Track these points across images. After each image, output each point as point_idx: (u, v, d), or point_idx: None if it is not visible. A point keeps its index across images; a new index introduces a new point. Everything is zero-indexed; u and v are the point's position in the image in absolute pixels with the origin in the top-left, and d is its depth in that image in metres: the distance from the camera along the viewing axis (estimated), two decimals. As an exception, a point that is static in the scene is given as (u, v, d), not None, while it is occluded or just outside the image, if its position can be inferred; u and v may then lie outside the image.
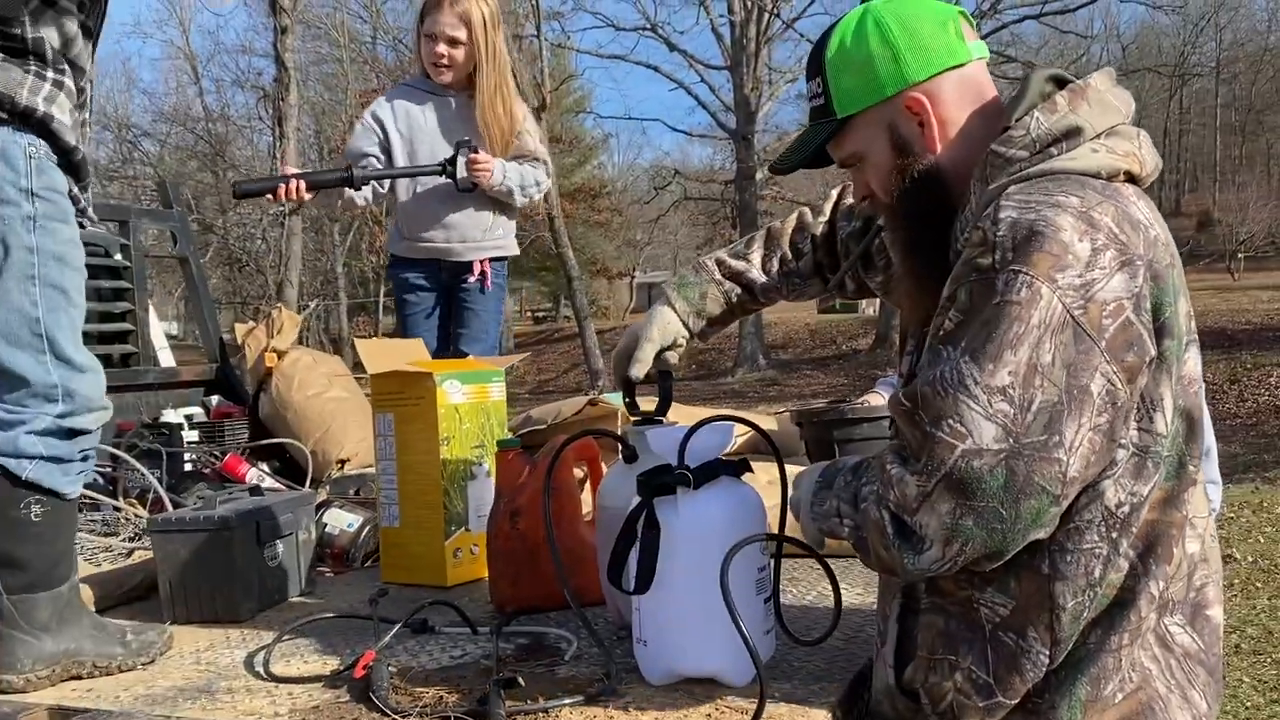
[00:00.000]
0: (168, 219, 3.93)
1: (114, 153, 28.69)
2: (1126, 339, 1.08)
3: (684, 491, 1.37)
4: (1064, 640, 1.15)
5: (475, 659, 1.58)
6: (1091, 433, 1.07)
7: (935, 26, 1.26)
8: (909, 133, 1.27)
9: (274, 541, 2.00)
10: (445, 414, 2.06)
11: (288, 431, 3.36)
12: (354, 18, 26.30)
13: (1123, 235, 1.10)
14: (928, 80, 1.25)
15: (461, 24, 3.08)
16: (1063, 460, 1.06)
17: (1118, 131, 1.20)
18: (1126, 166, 1.18)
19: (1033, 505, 1.06)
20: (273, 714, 1.39)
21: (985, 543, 1.08)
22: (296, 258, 20.32)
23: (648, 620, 1.39)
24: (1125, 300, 1.08)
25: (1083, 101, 1.20)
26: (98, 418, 1.67)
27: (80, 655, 1.60)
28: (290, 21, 19.44)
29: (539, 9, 19.50)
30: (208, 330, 3.95)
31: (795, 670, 1.46)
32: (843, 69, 1.28)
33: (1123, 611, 1.14)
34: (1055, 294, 1.06)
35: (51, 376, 1.58)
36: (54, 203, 1.58)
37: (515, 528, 1.80)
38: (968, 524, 1.07)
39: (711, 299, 1.68)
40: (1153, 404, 1.13)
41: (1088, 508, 1.13)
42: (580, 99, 32.88)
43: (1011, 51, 23.51)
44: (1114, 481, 1.13)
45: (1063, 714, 1.15)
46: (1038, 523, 1.08)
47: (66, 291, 1.60)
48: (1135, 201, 1.16)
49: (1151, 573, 1.14)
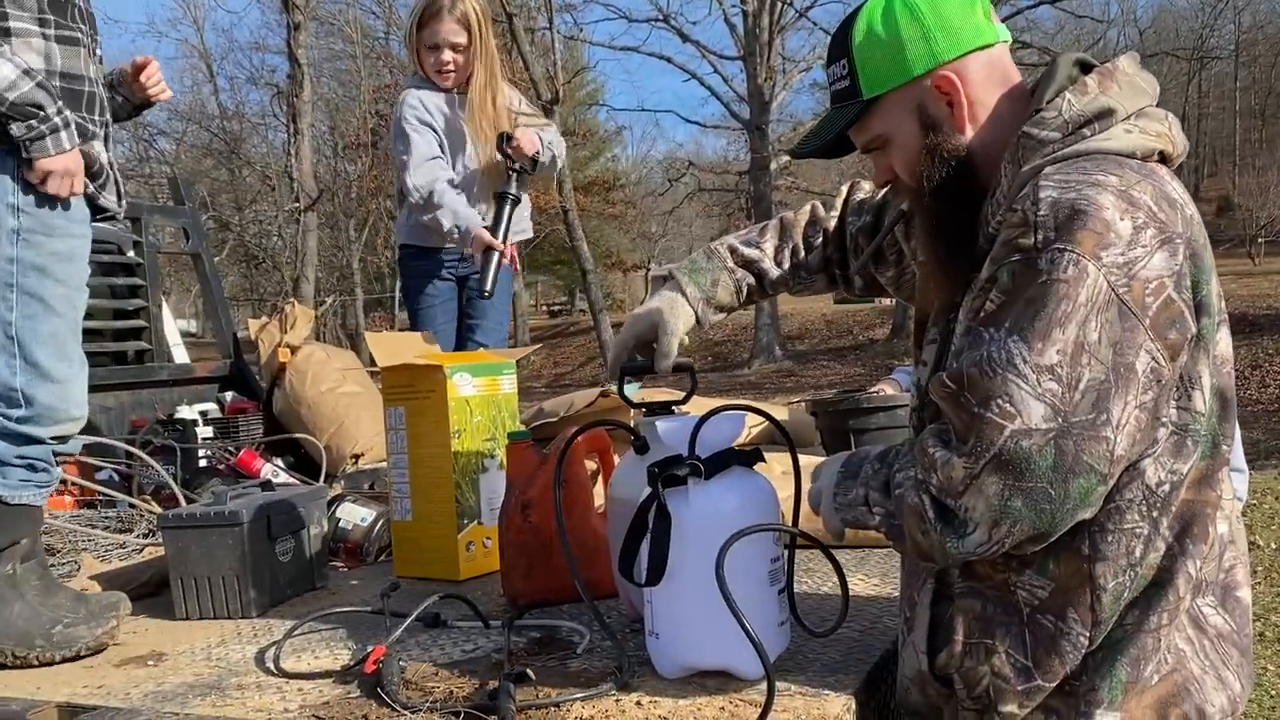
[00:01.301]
0: (179, 215, 3.94)
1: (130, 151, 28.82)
2: (1169, 316, 1.08)
3: (695, 482, 1.35)
4: (1104, 621, 1.14)
5: (487, 653, 1.56)
6: (1138, 410, 1.07)
7: (964, 7, 1.26)
8: (938, 113, 1.26)
9: (286, 536, 1.99)
10: (456, 407, 2.04)
11: (302, 427, 3.36)
12: (366, 13, 26.33)
13: (1162, 214, 1.10)
14: (957, 60, 1.25)
15: (462, 29, 3.12)
16: (1110, 439, 1.06)
17: (1147, 113, 1.20)
18: (1160, 146, 1.19)
19: (1081, 484, 1.06)
20: (283, 710, 1.38)
21: (1034, 524, 1.07)
22: (313, 254, 20.38)
23: (660, 612, 1.37)
24: (1167, 278, 1.08)
25: (1112, 83, 1.20)
26: (59, 429, 1.72)
27: (0, 644, 1.65)
28: (303, 18, 19.46)
29: (551, 2, 19.45)
30: (221, 326, 3.95)
31: (810, 662, 1.44)
32: (871, 50, 1.28)
33: (1160, 592, 1.14)
34: (1101, 271, 1.06)
35: (14, 380, 1.65)
36: (39, 218, 1.68)
37: (527, 520, 1.78)
38: (1016, 505, 1.07)
39: (723, 287, 1.66)
40: (1191, 382, 1.13)
41: (1128, 487, 1.12)
42: (593, 92, 32.83)
43: (1027, 37, 23.30)
44: (1154, 460, 1.12)
45: (1103, 696, 1.15)
46: (1085, 502, 1.08)
47: (46, 300, 1.69)
48: (1170, 181, 1.16)
49: (1189, 552, 1.14)
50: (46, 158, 1.66)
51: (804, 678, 1.37)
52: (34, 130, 1.64)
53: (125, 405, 3.47)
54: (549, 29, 19.83)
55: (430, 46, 3.14)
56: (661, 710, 1.28)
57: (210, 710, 1.40)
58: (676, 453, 1.38)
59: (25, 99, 1.62)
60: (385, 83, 24.09)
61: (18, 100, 1.62)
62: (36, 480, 1.74)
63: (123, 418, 3.42)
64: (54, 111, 1.66)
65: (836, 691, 1.32)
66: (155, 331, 3.72)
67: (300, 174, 19.65)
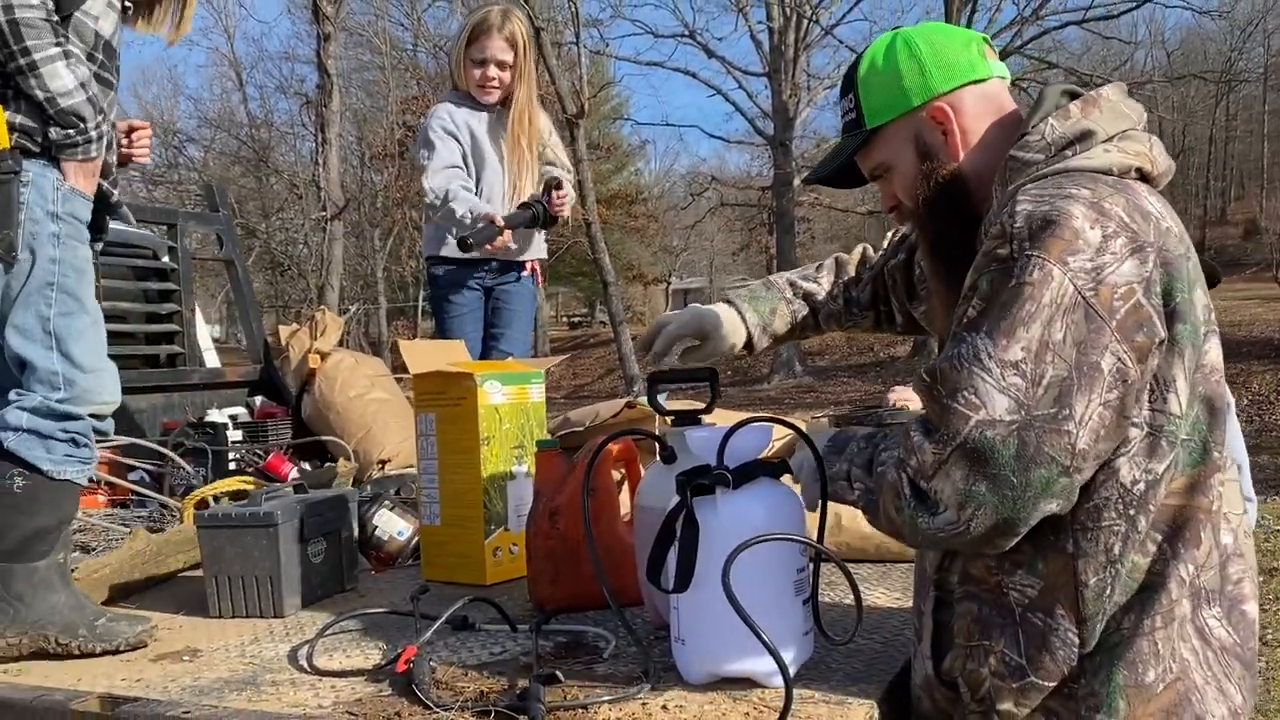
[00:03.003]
0: (214, 222, 4.00)
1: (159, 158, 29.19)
2: (1137, 320, 1.13)
3: (723, 491, 1.37)
4: (1090, 619, 1.18)
5: (515, 656, 1.60)
6: (1102, 408, 1.12)
7: (960, 45, 1.38)
8: (933, 141, 1.37)
9: (318, 538, 2.03)
10: (486, 414, 2.08)
11: (330, 432, 3.41)
12: (395, 25, 26.56)
13: (1133, 224, 1.16)
14: (951, 92, 1.36)
15: (510, 47, 3.24)
16: (1072, 432, 1.11)
17: (1129, 135, 1.28)
18: (1138, 164, 1.25)
19: (1042, 474, 1.11)
20: (316, 706, 1.42)
21: (997, 509, 1.12)
22: (338, 262, 20.55)
23: (686, 619, 1.40)
24: (1136, 284, 1.14)
25: (1094, 109, 1.28)
26: (97, 408, 1.84)
27: (47, 629, 1.74)
28: (333, 29, 19.69)
29: (579, 16, 19.57)
30: (252, 331, 4.01)
31: (833, 671, 1.46)
32: (873, 84, 1.40)
33: (1153, 595, 1.17)
34: (1067, 275, 1.13)
35: (55, 365, 1.78)
36: (74, 225, 1.84)
37: (555, 527, 1.82)
38: (981, 489, 1.13)
39: (780, 316, 1.76)
40: (1166, 385, 1.17)
41: (1104, 485, 1.17)
42: (618, 105, 32.98)
43: (1054, 58, 23.27)
44: (1128, 459, 1.16)
45: (1103, 700, 1.18)
46: (1048, 491, 1.12)
47: (81, 300, 1.84)
48: (1147, 196, 1.22)
49: (1180, 556, 1.17)
50: (75, 162, 1.82)
51: (827, 686, 1.40)
52: (71, 139, 1.80)
53: (157, 407, 3.53)
54: (576, 43, 19.96)
55: (478, 62, 3.23)
56: (687, 714, 1.31)
57: (246, 704, 1.44)
58: (704, 462, 1.41)
59: (73, 109, 1.79)
60: (412, 94, 24.28)
61: (68, 108, 1.78)
62: (79, 456, 1.84)
63: (154, 420, 3.48)
64: (92, 126, 1.82)
65: (858, 700, 1.34)
66: (187, 336, 3.78)
67: (327, 183, 19.85)
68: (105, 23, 1.91)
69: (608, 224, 25.56)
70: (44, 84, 1.76)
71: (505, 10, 3.30)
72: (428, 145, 3.26)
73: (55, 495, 1.81)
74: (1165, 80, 28.64)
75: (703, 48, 24.00)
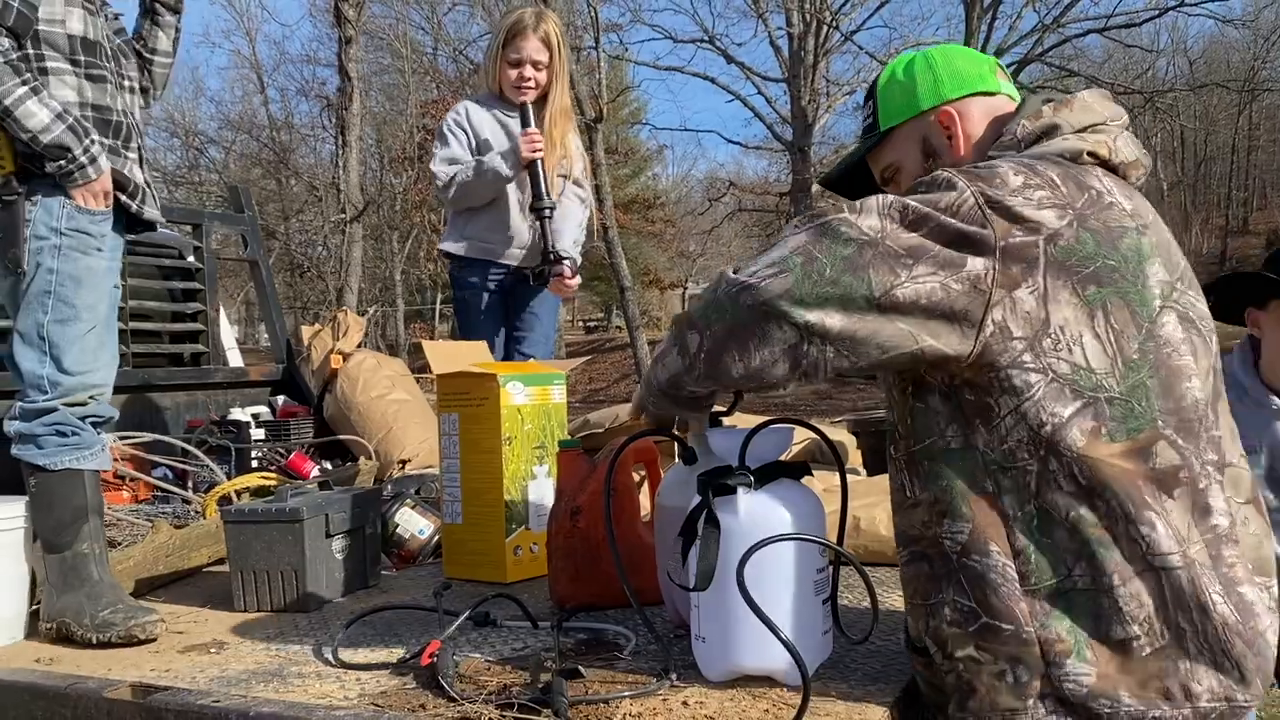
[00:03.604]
0: (239, 223, 4.05)
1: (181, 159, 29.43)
2: (1025, 256, 1.20)
3: (745, 491, 1.39)
4: (1023, 550, 1.22)
5: (536, 652, 1.62)
6: (939, 286, 1.19)
7: (972, 62, 1.49)
8: (939, 143, 1.45)
9: (342, 535, 2.06)
10: (508, 414, 2.11)
11: (351, 431, 3.45)
12: (415, 29, 26.71)
13: (1062, 187, 1.24)
14: (960, 99, 1.45)
15: (545, 48, 3.30)
16: (900, 276, 1.19)
17: (1096, 128, 1.35)
18: (1089, 148, 1.32)
19: (850, 285, 1.20)
20: (343, 697, 1.44)
21: (795, 281, 1.20)
22: (357, 264, 20.65)
23: (707, 617, 1.42)
24: (1044, 228, 1.21)
25: (1065, 109, 1.36)
26: (73, 398, 1.94)
27: (65, 617, 1.85)
28: (354, 32, 19.81)
29: (598, 21, 19.64)
30: (275, 332, 4.05)
31: (852, 671, 1.48)
32: (890, 90, 1.50)
33: (1107, 552, 1.20)
34: (970, 189, 1.22)
35: (43, 369, 1.92)
36: (78, 239, 1.95)
37: (576, 526, 1.84)
38: (797, 260, 1.22)
39: None
40: (1072, 338, 1.21)
41: (1015, 428, 1.22)
42: (636, 110, 33.00)
43: (1075, 66, 23.18)
44: (1034, 403, 1.21)
45: (1070, 645, 1.20)
46: (842, 305, 1.20)
47: (76, 307, 1.95)
48: (1100, 177, 1.29)
49: (1130, 517, 1.20)
50: (77, 188, 1.94)
51: (845, 686, 1.41)
52: (64, 169, 1.90)
53: (181, 406, 3.58)
54: (595, 48, 20.03)
55: (514, 63, 3.28)
56: (707, 710, 1.33)
57: (273, 695, 1.47)
58: (726, 463, 1.43)
59: (55, 142, 1.88)
60: (432, 98, 24.41)
61: (50, 143, 1.88)
62: (71, 444, 1.93)
63: (178, 417, 3.52)
64: (80, 151, 1.91)
65: (877, 700, 1.36)
66: (212, 335, 3.83)
67: (347, 185, 19.96)
68: (74, 22, 1.97)
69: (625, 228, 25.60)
70: (22, 125, 1.85)
71: (539, 12, 3.36)
72: (440, 138, 3.38)
73: (61, 488, 1.92)
74: (1187, 89, 28.47)
75: (722, 53, 24.03)
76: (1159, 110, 25.32)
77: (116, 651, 1.76)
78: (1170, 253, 1.30)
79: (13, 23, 1.88)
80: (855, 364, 1.23)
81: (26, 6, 1.90)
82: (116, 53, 2.11)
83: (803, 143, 22.09)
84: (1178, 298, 1.28)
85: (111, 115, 2.03)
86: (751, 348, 1.25)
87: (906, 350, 1.22)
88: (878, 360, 1.23)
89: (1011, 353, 1.21)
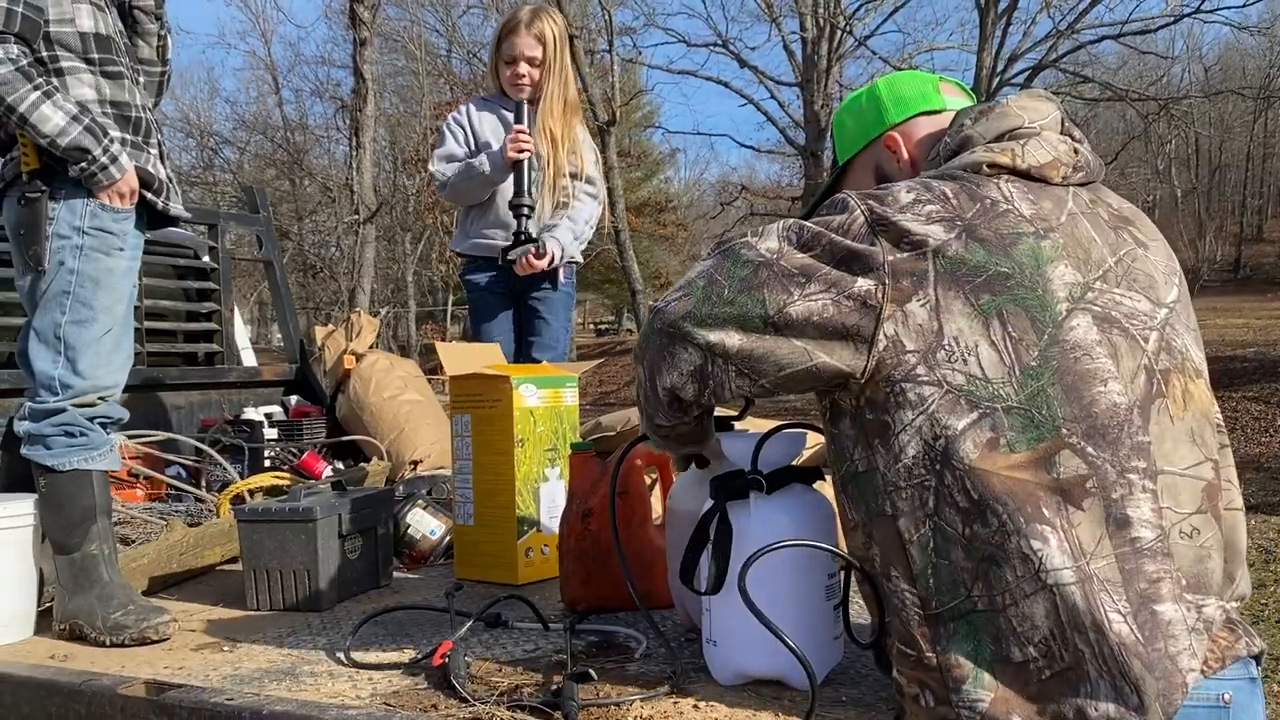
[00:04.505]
0: (254, 223, 4.07)
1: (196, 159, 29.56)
2: (914, 269, 1.21)
3: (757, 496, 1.40)
4: (920, 575, 1.20)
5: (547, 654, 1.62)
6: (831, 301, 1.22)
7: (916, 84, 1.52)
8: (890, 168, 1.49)
9: (355, 535, 2.07)
10: (520, 416, 2.12)
11: (363, 431, 3.46)
12: (430, 31, 26.78)
13: (954, 200, 1.25)
14: (904, 121, 1.49)
15: (538, 44, 3.29)
16: (793, 295, 1.22)
17: (1014, 134, 1.35)
18: (991, 159, 1.31)
19: (745, 304, 1.24)
20: (355, 697, 1.45)
21: (696, 302, 1.26)
22: (369, 265, 20.70)
23: (718, 621, 1.42)
24: (931, 240, 1.22)
25: (984, 118, 1.37)
26: (82, 399, 1.94)
27: (78, 618, 1.86)
28: (369, 34, 19.87)
29: (612, 25, 19.67)
30: (289, 332, 4.07)
31: (863, 677, 1.48)
32: (841, 126, 1.57)
33: (998, 570, 1.16)
34: (860, 208, 1.25)
35: (55, 370, 1.93)
36: (100, 238, 1.95)
37: (587, 528, 1.85)
38: (700, 283, 1.27)
39: None
40: (967, 349, 1.20)
41: (910, 443, 1.21)
42: (649, 114, 33.04)
43: (1089, 72, 23.10)
44: (928, 416, 1.20)
45: (968, 671, 1.17)
46: (739, 322, 1.24)
47: (94, 309, 1.95)
48: (1001, 186, 1.29)
49: (1021, 531, 1.15)
50: (102, 189, 1.94)
51: (856, 692, 1.42)
52: (85, 170, 1.90)
53: (195, 405, 3.60)
54: (609, 51, 20.06)
55: (508, 60, 3.29)
56: (717, 713, 1.33)
57: (286, 693, 1.47)
58: (739, 467, 1.44)
59: (74, 144, 1.88)
60: (446, 100, 24.45)
61: (68, 146, 1.88)
62: (80, 444, 1.93)
63: (192, 416, 3.54)
64: (100, 152, 1.91)
65: (887, 706, 1.36)
66: (226, 335, 3.85)
67: (360, 187, 20.01)
68: (83, 19, 1.96)
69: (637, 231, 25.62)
70: (39, 131, 1.86)
71: (536, 9, 3.35)
72: (441, 137, 3.41)
73: (69, 488, 1.93)
74: (1202, 95, 28.33)
75: (735, 57, 24.03)
76: (1174, 117, 25.18)
77: (130, 648, 1.78)
78: (1088, 252, 1.26)
79: (19, 28, 1.87)
80: (757, 382, 1.26)
81: (30, 9, 1.88)
82: (129, 48, 2.10)
83: (815, 147, 22.05)
84: (1095, 298, 1.23)
85: (131, 111, 2.02)
86: (664, 370, 1.30)
87: (803, 367, 1.24)
88: (778, 379, 1.25)
89: (905, 366, 1.20)
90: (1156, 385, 1.23)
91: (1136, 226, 1.35)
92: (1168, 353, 1.25)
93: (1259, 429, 12.76)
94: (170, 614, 1.85)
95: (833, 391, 1.28)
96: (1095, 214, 1.31)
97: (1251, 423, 12.97)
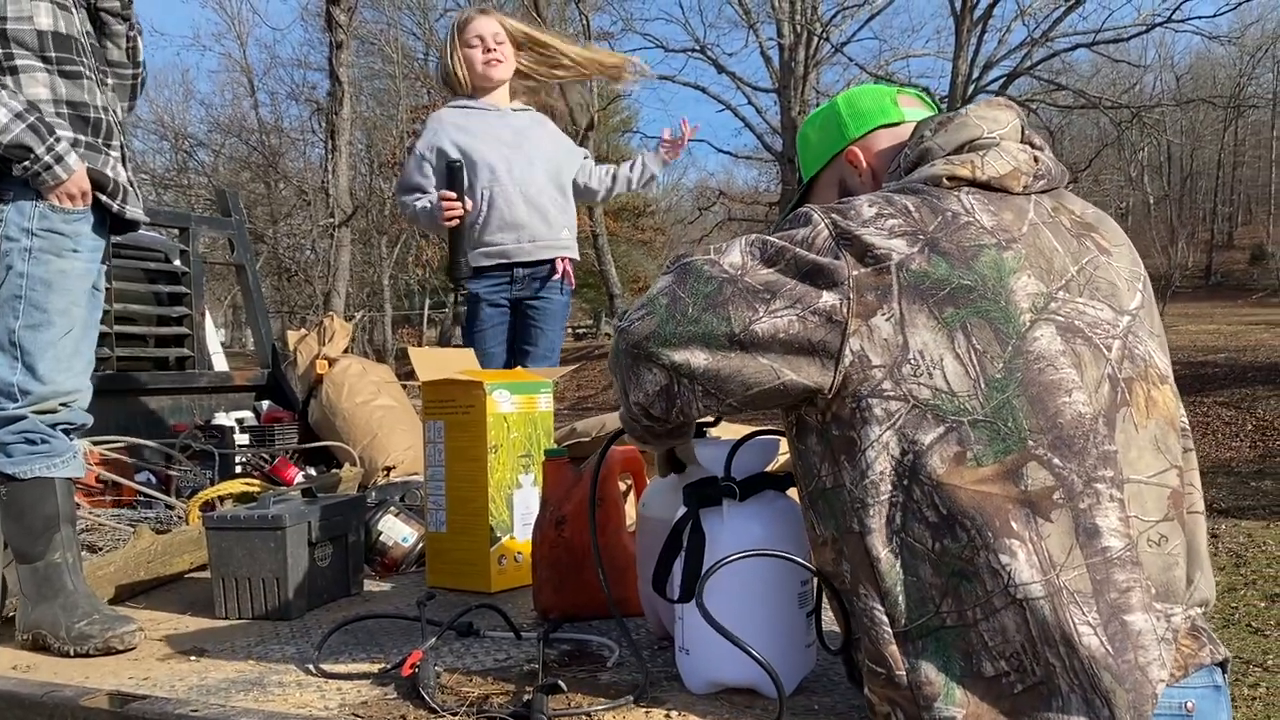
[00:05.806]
0: (226, 227, 4.03)
1: (170, 161, 29.35)
2: (877, 283, 1.21)
3: (729, 503, 1.39)
4: (889, 592, 1.19)
5: (519, 663, 1.61)
6: (797, 318, 1.21)
7: (874, 98, 1.53)
8: (853, 183, 1.50)
9: (325, 542, 2.05)
10: (494, 423, 2.10)
11: (336, 437, 3.43)
12: (407, 34, 26.71)
13: (917, 214, 1.25)
14: (864, 136, 1.50)
15: (496, 24, 3.34)
16: (759, 311, 1.21)
17: (973, 145, 1.34)
18: (950, 172, 1.31)
19: (710, 323, 1.22)
20: (323, 708, 1.43)
21: (660, 321, 1.24)
22: (345, 269, 20.57)
23: (690, 629, 1.41)
24: (895, 255, 1.21)
25: (943, 129, 1.36)
26: (42, 405, 1.89)
27: (42, 628, 1.83)
28: (346, 37, 19.76)
29: (589, 29, 19.69)
30: (261, 336, 4.03)
31: (835, 684, 1.47)
32: (804, 144, 1.59)
33: (968, 583, 1.16)
34: (824, 221, 1.25)
35: (13, 376, 1.87)
36: (50, 240, 1.90)
37: (560, 535, 1.83)
38: (662, 302, 1.25)
39: None
40: (932, 362, 1.19)
41: (878, 459, 1.20)
42: (627, 119, 33.10)
43: (1063, 80, 23.34)
44: (895, 431, 1.19)
45: (939, 688, 1.16)
46: (705, 341, 1.22)
47: (48, 312, 1.90)
48: (961, 198, 1.28)
49: (990, 545, 1.14)
50: (48, 189, 1.88)
51: (829, 700, 1.41)
52: (29, 170, 1.85)
53: (165, 410, 3.55)
54: (586, 56, 20.06)
55: (471, 44, 3.30)
56: (689, 723, 1.32)
57: (253, 704, 1.45)
58: (711, 474, 1.43)
59: (15, 142, 1.83)
60: (423, 103, 24.38)
61: (9, 144, 1.82)
62: (41, 451, 1.89)
63: (162, 422, 3.50)
64: (43, 151, 1.85)
65: (859, 715, 1.35)
66: (197, 339, 3.80)
67: (336, 190, 19.89)
68: (41, 17, 1.91)
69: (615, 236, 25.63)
70: None
71: (482, 8, 3.42)
72: (405, 163, 3.43)
73: (31, 496, 1.88)
74: (1174, 104, 28.70)
75: (713, 63, 24.15)
76: (1146, 125, 25.49)
77: (95, 658, 1.75)
78: (1050, 261, 1.25)
79: None
80: (724, 402, 1.25)
81: None
82: (96, 50, 2.05)
83: (792, 153, 22.14)
84: (1058, 308, 1.23)
85: (89, 112, 1.96)
86: (632, 389, 1.29)
87: (770, 385, 1.23)
88: (745, 397, 1.24)
89: (871, 381, 1.19)
90: (1120, 394, 1.22)
91: (1099, 232, 1.34)
92: (1130, 360, 1.25)
93: (1229, 434, 12.91)
94: (137, 623, 1.82)
95: (798, 407, 1.27)
96: (1057, 222, 1.31)
97: (1222, 428, 13.12)
